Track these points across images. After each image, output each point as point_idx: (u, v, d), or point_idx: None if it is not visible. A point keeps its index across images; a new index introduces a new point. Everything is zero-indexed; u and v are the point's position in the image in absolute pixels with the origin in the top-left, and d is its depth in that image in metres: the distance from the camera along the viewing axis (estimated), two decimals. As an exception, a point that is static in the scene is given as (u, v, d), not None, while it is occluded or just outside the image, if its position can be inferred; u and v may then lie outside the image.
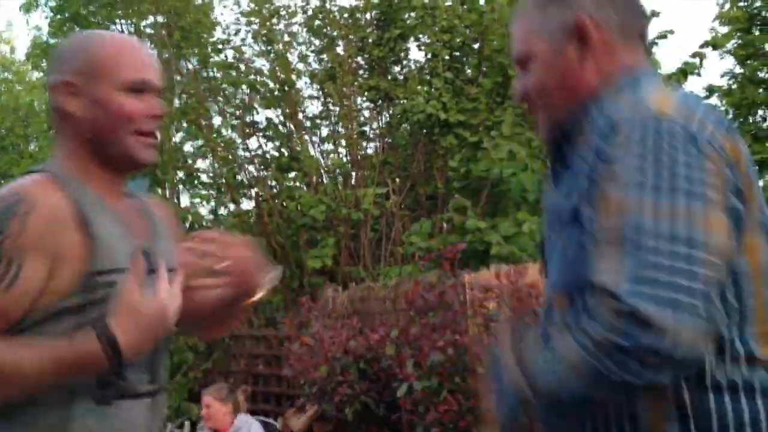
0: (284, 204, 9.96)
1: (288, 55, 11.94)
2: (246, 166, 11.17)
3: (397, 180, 10.18)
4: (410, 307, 5.54)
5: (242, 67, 11.63)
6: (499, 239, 6.99)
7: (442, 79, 10.13)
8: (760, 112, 14.47)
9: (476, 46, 11.14)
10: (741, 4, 14.58)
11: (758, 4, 14.24)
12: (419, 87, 10.37)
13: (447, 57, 10.68)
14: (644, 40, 1.29)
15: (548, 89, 1.26)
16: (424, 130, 9.82)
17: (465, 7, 11.39)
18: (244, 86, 11.29)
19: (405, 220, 9.74)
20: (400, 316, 5.88)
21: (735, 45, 14.43)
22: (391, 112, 11.07)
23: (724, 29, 14.63)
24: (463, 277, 5.88)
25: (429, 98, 9.80)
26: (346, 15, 11.61)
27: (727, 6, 14.77)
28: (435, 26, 10.65)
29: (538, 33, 1.27)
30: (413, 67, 11.43)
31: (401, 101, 10.39)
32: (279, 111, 11.73)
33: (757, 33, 14.31)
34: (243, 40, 11.83)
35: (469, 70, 11.28)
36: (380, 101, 10.99)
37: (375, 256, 9.59)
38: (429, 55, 10.98)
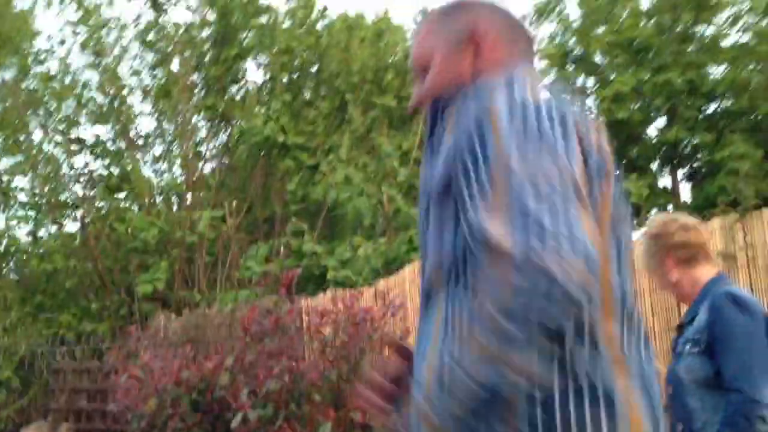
0: (113, 226, 9.45)
1: (118, 68, 11.44)
2: (71, 185, 10.52)
3: (234, 202, 10.02)
4: (246, 334, 5.46)
5: (67, 79, 10.98)
6: (335, 263, 7.07)
7: (280, 101, 10.13)
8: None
9: (314, 69, 11.27)
10: (557, 41, 15.87)
11: (571, 42, 15.57)
12: (257, 108, 10.31)
13: (285, 79, 10.71)
14: (529, 51, 1.38)
15: (441, 88, 1.32)
16: (262, 152, 9.75)
17: (303, 30, 11.51)
18: (69, 100, 10.65)
19: (242, 243, 9.59)
20: (235, 342, 5.78)
21: (552, 79, 15.67)
22: (228, 132, 10.90)
23: (543, 63, 15.88)
24: (299, 302, 5.90)
25: (267, 120, 9.76)
26: (181, 31, 11.32)
27: (545, 42, 16.05)
28: (273, 47, 10.65)
29: (437, 40, 1.35)
30: (251, 87, 11.35)
31: (239, 122, 10.26)
32: (108, 127, 11.18)
33: (570, 68, 15.64)
34: (69, 51, 11.21)
35: (307, 93, 11.38)
36: (217, 121, 10.79)
37: (211, 280, 9.35)
38: (267, 76, 10.96)
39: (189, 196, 10.37)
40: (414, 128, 9.98)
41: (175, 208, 10.36)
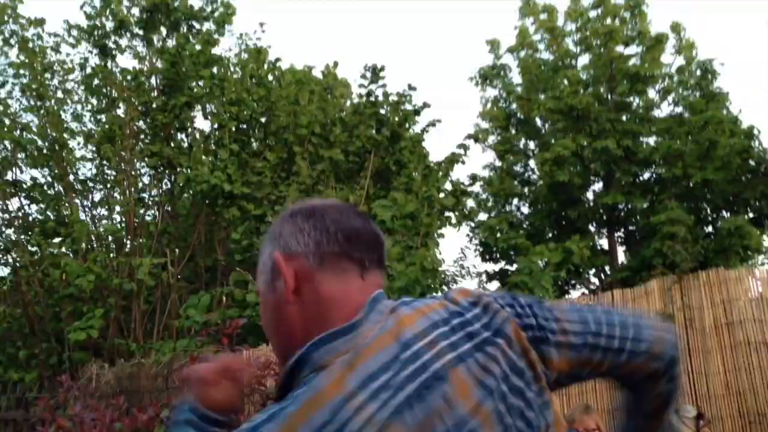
0: (46, 272, 9.11)
1: (61, 112, 11.24)
2: (3, 228, 10.15)
3: (176, 250, 9.82)
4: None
5: (6, 121, 10.72)
6: (279, 314, 6.95)
7: (228, 150, 10.09)
8: (515, 201, 16.17)
9: (263, 120, 11.30)
10: (500, 104, 16.36)
11: (514, 106, 16.07)
12: (204, 157, 10.23)
13: (234, 129, 10.69)
14: (367, 263, 1.07)
15: (269, 330, 1.10)
16: (207, 201, 9.63)
17: (254, 81, 11.57)
18: (6, 141, 10.37)
19: (182, 292, 9.36)
20: (172, 394, 5.58)
21: (495, 141, 16.10)
22: (173, 179, 10.75)
23: (486, 125, 16.32)
24: (241, 353, 5.76)
25: (214, 168, 9.68)
26: (129, 77, 11.23)
27: (489, 105, 16.51)
28: (223, 97, 10.65)
29: (260, 270, 1.12)
30: (198, 136, 11.28)
31: (185, 169, 10.14)
32: (47, 171, 10.90)
33: (513, 131, 16.10)
34: (9, 92, 10.97)
35: (255, 144, 11.37)
36: (162, 168, 10.65)
37: (147, 329, 9.06)
38: (215, 126, 10.92)
39: (128, 242, 10.12)
40: (361, 182, 10.04)
41: (113, 254, 10.08)
